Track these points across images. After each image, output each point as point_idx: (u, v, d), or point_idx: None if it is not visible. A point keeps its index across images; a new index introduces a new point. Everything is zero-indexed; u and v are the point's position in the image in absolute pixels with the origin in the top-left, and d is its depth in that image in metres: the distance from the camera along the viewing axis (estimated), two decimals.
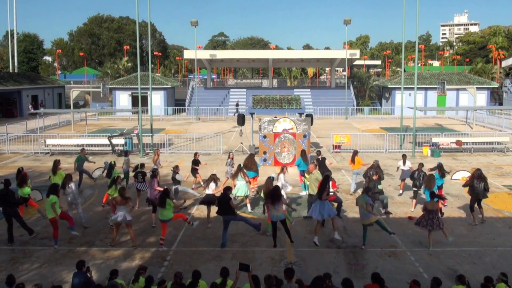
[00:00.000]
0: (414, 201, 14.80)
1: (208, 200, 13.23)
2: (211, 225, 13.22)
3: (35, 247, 11.79)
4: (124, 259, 11.08)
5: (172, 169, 15.65)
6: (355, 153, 16.84)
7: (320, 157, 16.71)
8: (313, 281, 7.52)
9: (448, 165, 21.24)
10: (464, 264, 10.75)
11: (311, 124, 22.41)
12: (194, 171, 17.31)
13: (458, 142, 24.74)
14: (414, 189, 14.72)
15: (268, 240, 12.16)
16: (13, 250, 11.63)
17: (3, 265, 10.74)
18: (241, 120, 24.47)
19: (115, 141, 24.68)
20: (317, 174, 13.59)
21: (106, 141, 24.95)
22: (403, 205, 15.27)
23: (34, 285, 7.76)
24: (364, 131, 33.29)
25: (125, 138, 25.16)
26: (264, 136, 21.28)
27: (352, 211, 14.62)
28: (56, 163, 15.45)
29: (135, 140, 26.30)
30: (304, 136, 21.30)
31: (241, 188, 14.35)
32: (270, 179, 13.18)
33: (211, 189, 13.28)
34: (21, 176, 13.65)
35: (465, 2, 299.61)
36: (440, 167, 14.87)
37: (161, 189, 12.72)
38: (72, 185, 13.27)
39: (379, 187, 14.32)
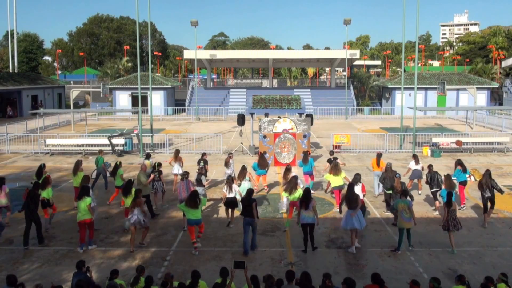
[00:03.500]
0: (437, 202, 14.43)
1: (230, 202, 13.23)
2: (233, 225, 13.17)
3: (35, 247, 11.78)
4: (124, 259, 11.08)
5: (197, 170, 15.65)
6: (380, 155, 16.59)
7: (332, 157, 16.75)
8: (301, 276, 7.72)
9: (448, 166, 21.24)
10: (464, 264, 10.75)
11: (311, 124, 22.41)
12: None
13: (458, 142, 24.74)
14: (432, 190, 14.45)
15: (268, 240, 12.15)
16: (13, 250, 11.63)
17: (3, 265, 10.74)
18: (241, 120, 24.48)
19: (115, 141, 24.68)
20: None
21: (106, 141, 24.94)
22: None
23: (34, 285, 7.76)
24: (364, 131, 33.29)
25: (125, 138, 25.17)
26: (264, 136, 21.28)
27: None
28: (78, 164, 15.33)
29: (135, 140, 26.29)
30: (304, 136, 21.30)
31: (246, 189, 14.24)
32: (295, 178, 13.15)
33: (235, 191, 13.25)
34: (45, 178, 13.60)
35: (465, 2, 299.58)
36: (460, 163, 14.92)
37: None
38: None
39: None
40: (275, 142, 21.17)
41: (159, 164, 15.56)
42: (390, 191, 13.75)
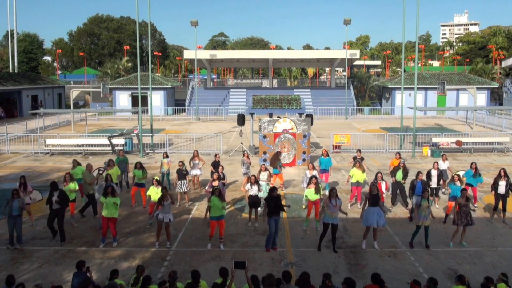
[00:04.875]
0: (437, 198, 15.10)
1: (253, 201, 13.25)
2: (258, 225, 13.20)
3: (35, 247, 11.79)
4: (124, 259, 11.08)
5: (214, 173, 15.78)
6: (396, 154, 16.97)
7: (358, 156, 16.91)
8: (300, 276, 7.76)
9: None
10: (464, 264, 10.75)
11: (311, 124, 22.40)
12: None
13: (458, 142, 24.74)
14: (436, 187, 14.89)
15: None
16: (13, 250, 11.62)
17: (3, 265, 10.74)
18: (241, 120, 24.47)
19: (115, 141, 24.67)
20: None
21: (106, 141, 24.94)
22: (403, 204, 15.26)
23: (34, 285, 7.75)
24: (364, 131, 33.29)
25: (125, 138, 25.16)
26: (264, 136, 21.27)
27: (352, 211, 14.62)
28: (111, 164, 15.64)
29: (135, 140, 26.29)
30: (304, 136, 21.30)
31: (264, 189, 14.19)
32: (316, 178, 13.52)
33: (255, 190, 13.28)
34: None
35: (465, 2, 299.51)
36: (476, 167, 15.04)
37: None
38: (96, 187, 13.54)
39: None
40: (275, 142, 21.17)
41: (181, 162, 15.58)
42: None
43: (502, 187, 13.64)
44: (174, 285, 7.81)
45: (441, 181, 15.69)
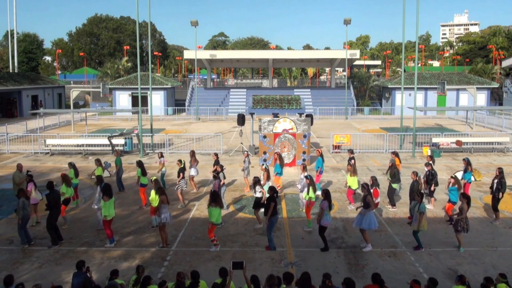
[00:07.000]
0: (433, 199, 15.03)
1: (257, 202, 13.28)
2: (261, 226, 13.12)
3: (35, 247, 11.78)
4: (124, 259, 11.08)
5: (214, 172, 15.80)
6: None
7: (349, 155, 16.94)
8: (301, 276, 7.74)
9: (448, 165, 21.25)
10: (464, 264, 10.75)
11: (311, 124, 22.39)
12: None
13: (458, 142, 24.73)
14: (432, 188, 14.80)
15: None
16: (13, 250, 11.62)
17: (3, 265, 10.74)
18: (241, 120, 24.47)
19: (115, 141, 24.65)
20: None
21: (106, 141, 24.93)
22: (402, 205, 15.26)
23: (34, 285, 7.75)
24: (364, 131, 33.28)
25: (125, 138, 25.15)
26: (264, 136, 21.27)
27: (352, 211, 14.61)
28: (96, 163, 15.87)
29: (135, 140, 26.29)
30: (304, 136, 21.29)
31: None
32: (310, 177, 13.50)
33: (258, 191, 13.33)
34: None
35: (465, 2, 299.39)
36: (469, 162, 15.03)
37: None
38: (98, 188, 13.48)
39: (395, 186, 15.05)
40: (275, 142, 21.16)
41: (180, 161, 15.59)
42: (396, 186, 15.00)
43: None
44: (183, 285, 7.82)
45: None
